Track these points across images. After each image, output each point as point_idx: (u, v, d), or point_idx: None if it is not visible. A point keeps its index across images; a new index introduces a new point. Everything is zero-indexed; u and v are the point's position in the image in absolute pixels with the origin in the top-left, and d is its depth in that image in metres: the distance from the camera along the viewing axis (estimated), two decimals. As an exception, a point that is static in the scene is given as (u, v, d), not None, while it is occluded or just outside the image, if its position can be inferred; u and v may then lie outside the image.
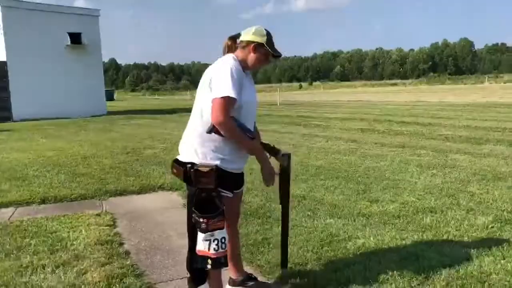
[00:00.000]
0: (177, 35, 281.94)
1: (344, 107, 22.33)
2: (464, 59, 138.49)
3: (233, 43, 2.55)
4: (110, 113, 22.23)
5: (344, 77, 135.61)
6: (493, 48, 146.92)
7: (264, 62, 2.57)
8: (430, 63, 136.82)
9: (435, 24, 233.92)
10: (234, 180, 2.54)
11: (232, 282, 2.88)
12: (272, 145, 2.77)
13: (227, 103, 2.27)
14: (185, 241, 3.68)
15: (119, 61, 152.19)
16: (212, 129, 2.33)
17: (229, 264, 2.65)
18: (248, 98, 2.45)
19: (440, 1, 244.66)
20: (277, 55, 2.54)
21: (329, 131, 11.39)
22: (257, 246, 3.57)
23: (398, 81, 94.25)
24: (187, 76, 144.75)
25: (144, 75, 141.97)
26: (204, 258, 2.32)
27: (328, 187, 5.43)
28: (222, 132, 2.32)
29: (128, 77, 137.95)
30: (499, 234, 3.71)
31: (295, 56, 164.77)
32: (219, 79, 2.33)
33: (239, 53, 2.51)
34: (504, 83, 61.95)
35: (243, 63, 2.49)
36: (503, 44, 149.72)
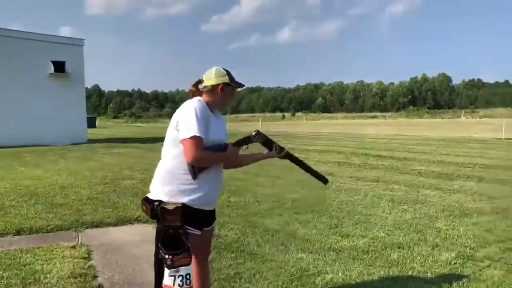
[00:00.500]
0: (161, 62, 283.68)
1: (323, 139, 22.70)
2: (442, 94, 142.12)
3: (196, 89, 2.71)
4: (91, 140, 22.15)
5: (325, 109, 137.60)
6: (470, 83, 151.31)
7: (233, 97, 2.78)
8: (410, 96, 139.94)
9: (414, 59, 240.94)
10: (203, 218, 2.64)
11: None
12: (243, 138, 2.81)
13: (196, 141, 2.44)
14: (159, 275, 3.78)
15: (102, 88, 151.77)
16: (194, 171, 2.49)
17: None
18: (216, 136, 2.60)
19: (420, 36, 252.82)
20: (241, 86, 2.75)
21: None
22: (229, 281, 3.66)
23: (378, 113, 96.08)
24: (170, 104, 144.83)
25: (127, 102, 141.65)
26: (171, 293, 2.42)
27: (302, 221, 5.57)
28: (202, 166, 2.49)
29: (111, 103, 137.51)
30: (460, 270, 3.88)
31: (278, 87, 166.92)
32: (185, 121, 2.48)
33: (205, 97, 2.67)
34: (480, 118, 63.83)
35: (210, 105, 2.65)
36: (479, 79, 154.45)
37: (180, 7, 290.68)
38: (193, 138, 2.43)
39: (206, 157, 2.50)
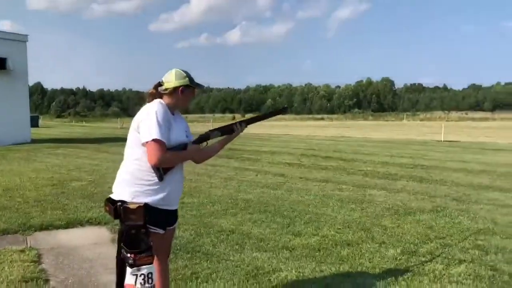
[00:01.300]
0: (108, 60, 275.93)
1: (274, 140, 23.01)
2: (386, 97, 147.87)
3: (156, 91, 2.74)
4: (34, 141, 21.23)
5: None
6: (411, 87, 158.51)
7: (192, 98, 2.85)
8: (355, 99, 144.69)
9: (359, 63, 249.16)
10: (165, 217, 2.69)
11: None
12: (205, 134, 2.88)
13: (159, 144, 2.48)
14: (113, 277, 3.76)
15: (45, 86, 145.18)
16: (160, 173, 2.54)
17: None
18: (177, 138, 2.66)
19: (364, 41, 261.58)
20: (202, 88, 2.83)
21: (259, 165, 11.76)
22: (186, 281, 3.71)
23: (326, 116, 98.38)
24: (117, 103, 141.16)
25: (71, 100, 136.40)
26: (132, 292, 2.45)
27: (256, 221, 5.69)
28: (167, 166, 2.56)
29: (54, 102, 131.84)
30: (405, 265, 4.14)
31: (228, 87, 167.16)
32: (146, 124, 2.52)
33: (165, 99, 2.71)
34: (420, 120, 66.99)
35: (171, 106, 2.70)
36: (419, 84, 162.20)
37: (127, 5, 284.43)
38: (155, 141, 2.47)
39: (170, 157, 2.55)
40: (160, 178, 2.54)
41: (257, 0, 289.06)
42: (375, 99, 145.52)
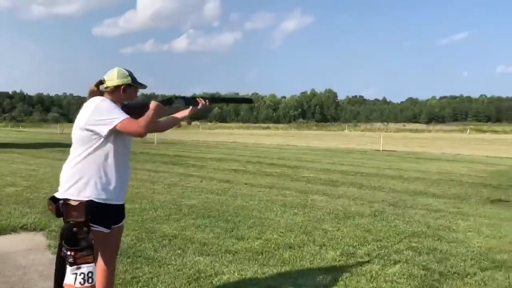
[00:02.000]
0: (48, 64, 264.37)
1: (220, 147, 23.00)
2: (329, 108, 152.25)
3: (98, 89, 2.72)
4: (-38, 145, 19.92)
5: (222, 119, 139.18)
6: (353, 100, 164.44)
7: (135, 98, 2.83)
8: (300, 110, 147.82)
9: (304, 74, 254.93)
10: (111, 214, 2.65)
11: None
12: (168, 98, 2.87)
13: (128, 118, 2.52)
14: (48, 283, 3.63)
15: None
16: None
17: None
18: None
19: (309, 53, 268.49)
20: (144, 87, 2.84)
21: (204, 171, 11.71)
22: (126, 285, 3.63)
23: (271, 125, 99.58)
24: (57, 108, 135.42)
25: (7, 104, 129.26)
26: (71, 292, 2.38)
27: (199, 225, 5.66)
28: (152, 130, 2.69)
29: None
30: (344, 266, 4.27)
31: (174, 95, 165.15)
32: (103, 113, 2.51)
33: (106, 96, 2.69)
34: (361, 131, 69.48)
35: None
36: (361, 96, 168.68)
37: (71, 8, 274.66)
38: (125, 118, 2.51)
39: (147, 119, 2.54)
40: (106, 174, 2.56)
41: (205, 9, 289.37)
42: (319, 110, 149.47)
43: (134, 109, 2.66)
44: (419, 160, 16.97)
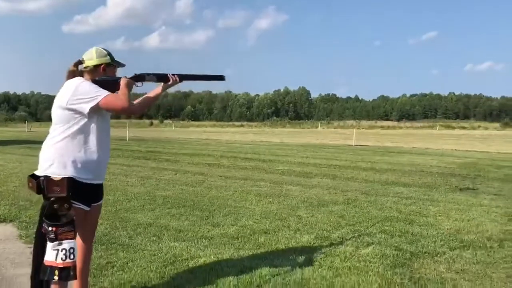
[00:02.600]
0: (14, 62, 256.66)
1: (193, 144, 22.88)
2: (302, 106, 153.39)
3: (77, 69, 2.72)
4: None
5: (195, 117, 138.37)
6: (326, 98, 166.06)
7: (114, 76, 2.83)
8: (273, 108, 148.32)
9: (278, 73, 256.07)
10: (90, 192, 2.65)
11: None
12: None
13: (109, 94, 2.54)
14: (20, 270, 3.59)
15: None
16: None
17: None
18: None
19: (282, 51, 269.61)
20: (122, 65, 2.84)
21: (178, 165, 11.64)
22: (101, 270, 3.59)
23: (245, 123, 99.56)
24: (24, 107, 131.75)
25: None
26: (52, 268, 2.35)
27: (174, 214, 5.64)
28: (139, 111, 2.81)
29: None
30: (319, 248, 4.34)
31: (145, 93, 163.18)
32: (85, 91, 2.52)
33: (86, 76, 2.70)
34: (334, 128, 70.33)
35: None
36: (333, 94, 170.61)
37: (38, 4, 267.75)
38: (107, 95, 2.53)
39: (124, 95, 2.60)
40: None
41: (177, 6, 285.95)
42: (292, 108, 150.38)
43: (105, 84, 2.65)
44: (390, 153, 17.32)
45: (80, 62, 2.71)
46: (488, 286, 3.43)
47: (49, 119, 2.73)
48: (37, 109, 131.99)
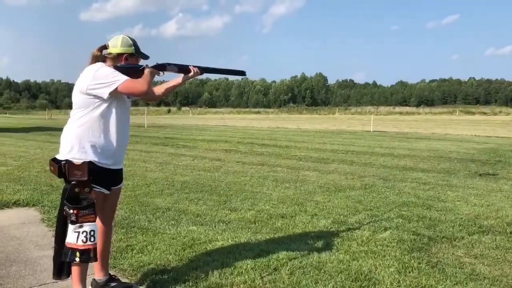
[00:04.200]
0: (34, 50, 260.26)
1: (210, 130, 22.98)
2: (319, 92, 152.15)
3: (100, 53, 2.74)
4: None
5: (212, 104, 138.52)
6: (343, 83, 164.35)
7: None
8: (290, 94, 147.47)
9: (294, 59, 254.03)
10: (110, 177, 2.70)
11: (95, 284, 2.94)
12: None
13: (128, 79, 2.56)
14: (43, 252, 3.68)
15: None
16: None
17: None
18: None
19: (298, 37, 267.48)
20: (146, 58, 2.83)
21: (196, 151, 11.73)
22: (121, 253, 3.67)
23: (262, 109, 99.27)
24: (44, 95, 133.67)
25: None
26: (73, 250, 2.42)
27: (192, 199, 5.70)
28: (157, 97, 2.90)
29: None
30: (336, 233, 4.35)
31: (163, 80, 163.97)
32: (106, 75, 2.55)
33: (109, 62, 2.72)
34: (352, 114, 69.68)
35: None
36: (351, 80, 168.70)
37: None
38: (126, 79, 2.55)
39: (146, 79, 2.63)
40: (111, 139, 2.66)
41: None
42: (309, 94, 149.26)
43: (126, 70, 2.67)
44: (409, 139, 17.13)
45: (105, 47, 2.73)
46: (507, 271, 3.40)
47: (68, 106, 2.80)
48: (57, 96, 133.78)
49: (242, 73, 3.30)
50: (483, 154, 11.55)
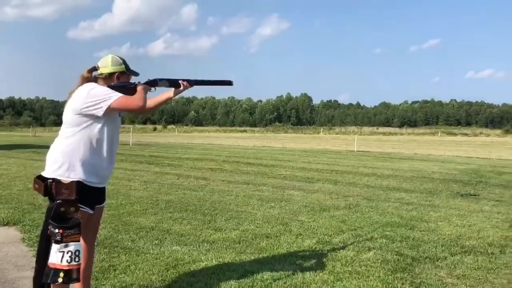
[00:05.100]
0: (19, 67, 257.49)
1: (196, 149, 22.90)
2: (304, 112, 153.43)
3: (90, 75, 2.76)
4: None
5: (198, 122, 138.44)
6: (328, 104, 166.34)
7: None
8: (276, 113, 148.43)
9: (280, 79, 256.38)
10: (95, 195, 2.69)
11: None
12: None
13: (125, 96, 2.58)
14: (23, 273, 3.62)
15: None
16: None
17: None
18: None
19: (284, 58, 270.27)
20: (136, 74, 2.87)
21: (181, 170, 11.66)
22: (103, 273, 3.61)
23: (248, 128, 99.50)
24: (29, 112, 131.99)
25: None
26: (56, 271, 2.37)
27: (177, 218, 5.66)
28: (153, 108, 2.92)
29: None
30: (320, 253, 4.36)
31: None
32: (99, 93, 2.56)
33: (100, 82, 2.74)
34: (336, 134, 70.28)
35: None
36: (335, 101, 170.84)
37: (45, 10, 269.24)
38: (120, 96, 2.57)
39: (141, 95, 2.65)
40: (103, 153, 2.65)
41: (182, 13, 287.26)
42: (295, 114, 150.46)
43: (120, 89, 2.69)
44: (392, 159, 17.31)
45: (95, 68, 2.76)
46: (488, 291, 3.44)
47: (54, 124, 2.78)
48: (41, 114, 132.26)
49: (229, 82, 3.35)
50: (464, 175, 11.73)
